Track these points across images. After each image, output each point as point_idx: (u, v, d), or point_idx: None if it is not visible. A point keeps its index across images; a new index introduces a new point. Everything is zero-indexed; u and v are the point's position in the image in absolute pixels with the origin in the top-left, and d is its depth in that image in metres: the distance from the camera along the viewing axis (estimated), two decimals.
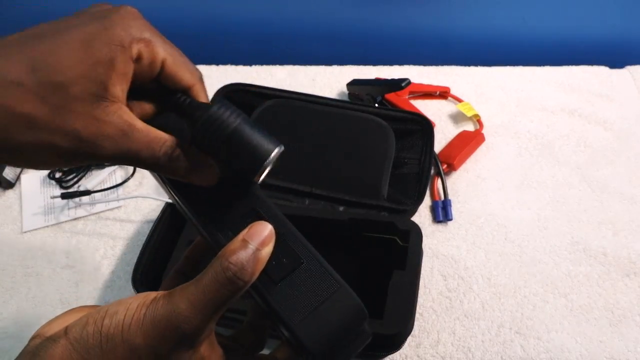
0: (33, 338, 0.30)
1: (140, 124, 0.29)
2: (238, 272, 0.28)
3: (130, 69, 0.29)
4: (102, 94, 0.28)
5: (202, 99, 0.33)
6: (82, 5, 0.31)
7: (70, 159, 0.28)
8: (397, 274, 0.54)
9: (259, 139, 0.31)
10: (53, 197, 0.72)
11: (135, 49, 0.29)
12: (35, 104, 0.26)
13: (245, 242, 0.29)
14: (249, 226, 0.30)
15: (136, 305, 0.29)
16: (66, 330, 0.29)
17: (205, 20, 0.98)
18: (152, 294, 0.30)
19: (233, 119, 0.30)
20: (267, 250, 0.30)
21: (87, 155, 0.28)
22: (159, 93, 0.32)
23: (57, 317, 0.31)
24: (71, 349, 0.28)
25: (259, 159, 0.31)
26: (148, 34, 0.29)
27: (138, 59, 0.29)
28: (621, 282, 0.65)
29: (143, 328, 0.28)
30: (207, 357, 0.30)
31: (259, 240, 0.29)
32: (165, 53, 0.30)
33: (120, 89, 0.28)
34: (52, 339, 0.29)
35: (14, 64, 0.26)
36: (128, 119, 0.29)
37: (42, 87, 0.26)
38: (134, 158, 0.29)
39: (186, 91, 0.32)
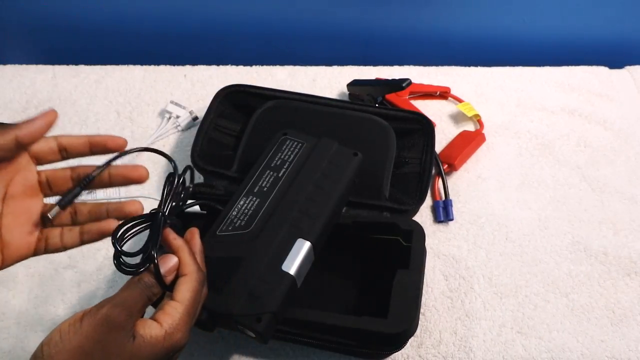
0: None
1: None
2: (153, 286, 0.41)
3: None
4: None
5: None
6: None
7: None
8: (400, 273, 0.54)
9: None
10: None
11: None
12: None
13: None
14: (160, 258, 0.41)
15: (67, 325, 0.37)
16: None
17: (205, 21, 0.98)
18: (79, 313, 0.38)
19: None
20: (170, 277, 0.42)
21: None
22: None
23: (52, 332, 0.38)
24: None
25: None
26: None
27: None
28: (622, 282, 0.65)
29: (85, 335, 0.36)
30: (147, 326, 0.39)
31: (165, 268, 0.41)
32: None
33: None
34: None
35: None
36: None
37: None
38: None
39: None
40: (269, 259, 0.50)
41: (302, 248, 0.50)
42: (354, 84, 0.85)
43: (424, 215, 0.72)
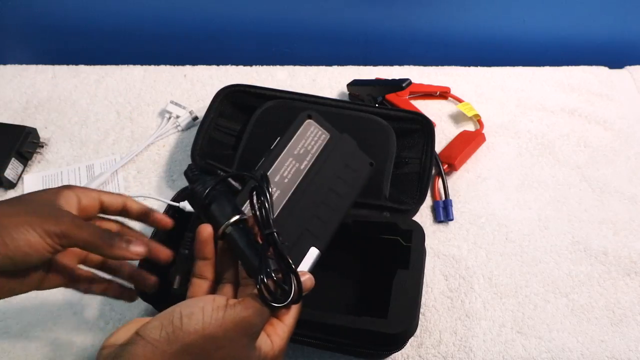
0: (102, 349, 0.37)
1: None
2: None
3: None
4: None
5: (135, 204, 0.48)
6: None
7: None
8: (400, 273, 0.54)
9: (218, 214, 0.45)
10: None
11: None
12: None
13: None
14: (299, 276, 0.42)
15: (211, 308, 0.38)
16: (139, 334, 0.36)
17: (205, 21, 0.98)
18: (221, 299, 0.39)
19: (205, 194, 0.45)
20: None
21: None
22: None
23: (117, 331, 0.38)
24: (152, 347, 0.35)
25: (218, 224, 0.44)
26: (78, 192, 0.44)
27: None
28: (622, 282, 0.65)
29: (224, 326, 0.37)
30: (264, 341, 0.40)
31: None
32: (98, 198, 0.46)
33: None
34: (129, 343, 0.36)
35: None
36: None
37: None
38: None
39: (124, 211, 0.48)
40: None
41: (314, 256, 0.52)
42: (354, 84, 0.85)
43: (424, 215, 0.72)
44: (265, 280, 0.40)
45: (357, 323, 0.51)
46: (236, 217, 0.44)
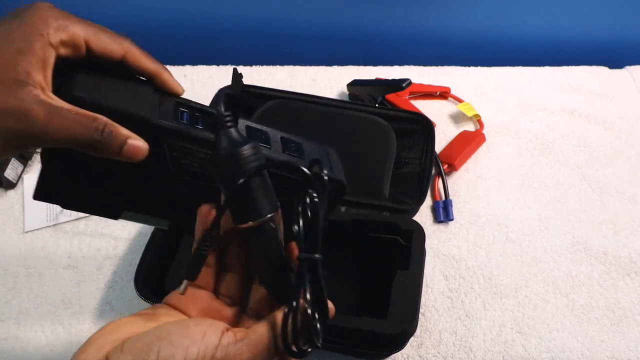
0: None
1: (67, 105, 0.30)
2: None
3: (50, 54, 0.31)
4: (24, 79, 0.29)
5: (173, 84, 0.37)
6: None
7: (12, 140, 0.30)
8: (400, 274, 0.54)
9: (261, 199, 0.32)
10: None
11: (53, 36, 0.31)
12: None
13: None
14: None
15: (197, 350, 0.29)
16: None
17: (206, 21, 0.98)
18: (214, 334, 0.30)
19: (252, 165, 0.32)
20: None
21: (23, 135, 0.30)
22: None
23: (88, 346, 0.31)
24: None
25: (253, 215, 0.32)
26: (63, 20, 0.32)
27: (61, 44, 0.31)
28: (622, 282, 0.65)
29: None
30: None
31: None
32: (85, 33, 0.33)
33: (41, 75, 0.30)
34: None
35: None
36: (52, 101, 0.30)
37: None
38: (67, 136, 0.30)
39: (152, 78, 0.36)
40: None
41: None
42: (354, 84, 0.85)
43: (424, 215, 0.72)
44: (296, 314, 0.31)
45: (356, 323, 0.51)
46: (274, 213, 0.33)
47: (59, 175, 0.36)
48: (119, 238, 0.70)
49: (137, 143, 0.32)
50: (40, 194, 0.36)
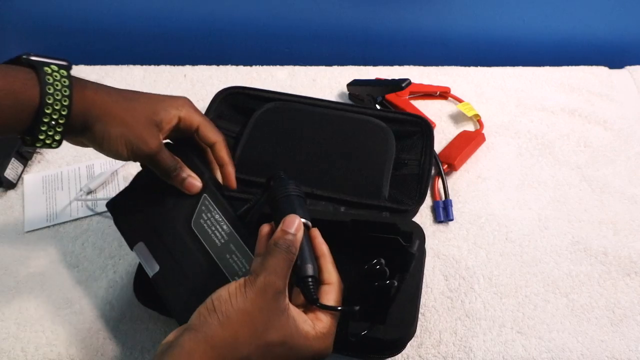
0: (159, 347, 0.41)
1: (166, 150, 0.52)
2: (290, 246, 0.44)
3: (175, 120, 0.52)
4: (159, 125, 0.51)
5: (223, 153, 0.55)
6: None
7: (135, 152, 0.49)
8: (399, 278, 0.54)
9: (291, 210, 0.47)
10: (77, 199, 0.74)
11: (182, 114, 0.52)
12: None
13: (284, 231, 0.45)
14: (282, 220, 0.45)
15: (234, 286, 0.41)
16: (184, 328, 0.40)
17: (206, 21, 0.98)
18: (240, 280, 0.42)
19: (289, 190, 0.49)
20: (300, 234, 0.45)
21: (141, 150, 0.49)
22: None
23: (172, 333, 0.42)
24: (194, 334, 0.39)
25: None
26: (193, 111, 0.54)
27: (180, 121, 0.52)
28: (622, 282, 0.65)
29: (248, 297, 0.40)
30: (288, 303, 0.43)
31: (293, 227, 0.45)
32: (199, 121, 0.53)
33: (166, 128, 0.51)
34: (176, 337, 0.40)
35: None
36: (162, 142, 0.51)
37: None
38: (161, 161, 0.51)
39: (212, 146, 0.55)
40: None
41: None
42: (354, 84, 0.85)
43: (424, 216, 0.72)
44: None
45: (354, 328, 0.51)
46: (308, 221, 0.47)
47: (134, 195, 0.56)
48: (119, 238, 0.70)
49: (195, 181, 0.53)
50: (113, 204, 0.57)
